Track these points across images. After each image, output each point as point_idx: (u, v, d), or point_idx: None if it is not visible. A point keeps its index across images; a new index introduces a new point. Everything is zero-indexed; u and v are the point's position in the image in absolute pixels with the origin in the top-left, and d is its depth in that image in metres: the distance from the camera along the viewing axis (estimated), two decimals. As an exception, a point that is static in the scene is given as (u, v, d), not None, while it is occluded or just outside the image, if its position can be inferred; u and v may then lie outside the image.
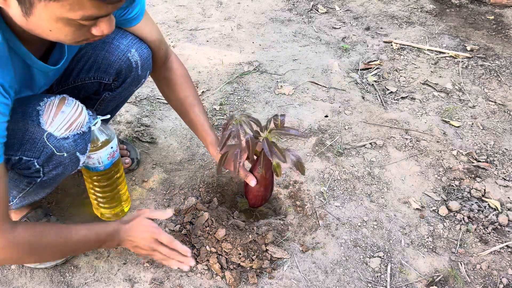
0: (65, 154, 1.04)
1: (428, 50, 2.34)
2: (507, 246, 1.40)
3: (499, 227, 1.46)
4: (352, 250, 1.37)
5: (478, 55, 2.30)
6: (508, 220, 1.47)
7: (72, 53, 1.14)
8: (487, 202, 1.54)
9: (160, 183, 1.56)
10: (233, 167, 1.20)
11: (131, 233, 1.17)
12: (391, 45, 2.39)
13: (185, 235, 1.36)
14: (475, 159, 1.71)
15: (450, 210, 1.50)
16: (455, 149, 1.74)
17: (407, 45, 2.38)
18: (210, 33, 2.45)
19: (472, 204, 1.52)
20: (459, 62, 2.26)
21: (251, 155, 1.22)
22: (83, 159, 1.11)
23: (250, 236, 1.33)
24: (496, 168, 1.67)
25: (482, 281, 1.31)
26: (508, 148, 1.76)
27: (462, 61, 2.26)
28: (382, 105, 1.98)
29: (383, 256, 1.36)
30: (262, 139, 1.19)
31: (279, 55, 2.30)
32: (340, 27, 2.58)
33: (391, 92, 2.06)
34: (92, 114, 1.13)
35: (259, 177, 1.34)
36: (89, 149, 1.14)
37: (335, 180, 1.59)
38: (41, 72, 1.02)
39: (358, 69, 2.21)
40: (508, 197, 1.56)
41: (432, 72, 2.19)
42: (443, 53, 2.32)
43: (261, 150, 1.24)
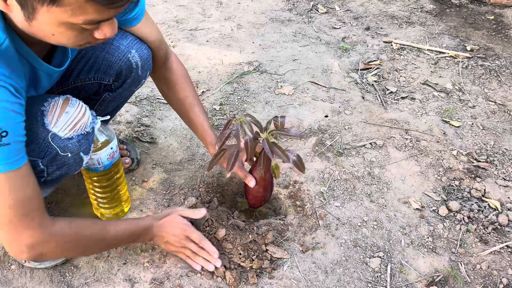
0: (69, 155, 1.05)
1: (428, 50, 2.34)
2: (507, 246, 1.40)
3: (499, 227, 1.46)
4: (352, 250, 1.37)
5: (478, 55, 2.30)
6: (508, 220, 1.47)
7: (74, 54, 1.15)
8: (487, 202, 1.54)
9: (160, 183, 1.56)
10: (226, 164, 1.19)
11: (163, 229, 1.23)
12: (391, 45, 2.39)
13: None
14: (475, 159, 1.71)
15: (450, 210, 1.50)
16: (455, 149, 1.74)
17: (407, 45, 2.38)
18: (210, 33, 2.46)
19: (472, 204, 1.52)
20: (459, 62, 2.26)
21: (249, 156, 1.23)
22: (86, 159, 1.11)
23: (250, 236, 1.33)
24: (496, 168, 1.67)
25: (482, 281, 1.31)
26: (508, 148, 1.76)
27: (462, 61, 2.26)
28: (382, 105, 1.98)
29: (383, 256, 1.36)
30: (263, 140, 1.19)
31: (279, 55, 2.30)
32: (340, 27, 2.58)
33: (391, 92, 2.06)
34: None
35: (259, 178, 1.34)
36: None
37: (335, 180, 1.59)
38: (46, 74, 1.03)
39: (358, 69, 2.21)
40: (508, 197, 1.56)
41: (432, 72, 2.19)
42: (443, 53, 2.32)
43: (261, 151, 1.24)
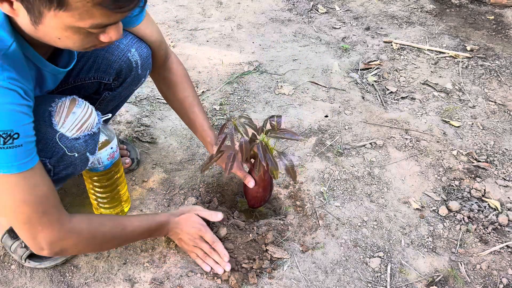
0: (76, 155, 1.05)
1: (428, 50, 2.34)
2: (507, 246, 1.40)
3: (499, 227, 1.46)
4: (352, 250, 1.37)
5: (478, 55, 2.29)
6: (508, 220, 1.47)
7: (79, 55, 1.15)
8: (487, 202, 1.54)
9: (160, 183, 1.56)
10: (224, 168, 1.22)
11: (179, 226, 1.24)
12: (391, 45, 2.39)
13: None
14: (475, 159, 1.71)
15: (450, 210, 1.50)
16: (455, 149, 1.74)
17: (407, 45, 2.38)
18: (210, 33, 2.45)
19: (472, 204, 1.52)
20: (459, 62, 2.25)
21: (244, 159, 1.23)
22: (92, 159, 1.12)
23: (251, 235, 1.33)
24: (496, 168, 1.67)
25: (482, 281, 1.31)
26: (508, 148, 1.76)
27: (462, 61, 2.26)
28: (382, 105, 1.98)
29: (383, 256, 1.36)
30: (258, 143, 1.19)
31: (279, 55, 2.30)
32: (340, 27, 2.58)
33: (391, 92, 2.06)
34: None
35: (258, 178, 1.34)
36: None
37: (335, 180, 1.59)
38: (52, 75, 1.03)
39: (358, 69, 2.21)
40: (508, 197, 1.56)
41: (432, 72, 2.19)
42: (443, 53, 2.32)
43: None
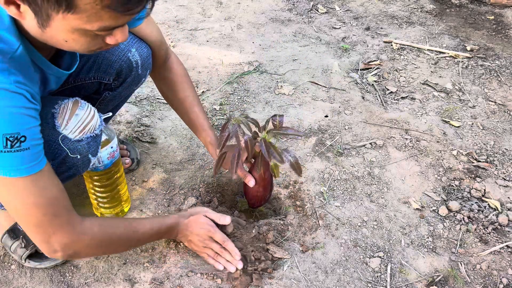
0: (78, 156, 1.05)
1: (428, 50, 2.34)
2: (507, 246, 1.40)
3: (499, 227, 1.46)
4: (352, 250, 1.37)
5: (478, 55, 2.30)
6: (508, 220, 1.47)
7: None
8: (487, 202, 1.54)
9: (160, 183, 1.56)
10: (230, 168, 1.21)
11: (188, 228, 1.24)
12: (391, 45, 2.39)
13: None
14: (475, 159, 1.71)
15: (450, 210, 1.50)
16: (455, 149, 1.74)
17: (407, 45, 2.38)
18: (210, 33, 2.45)
19: (472, 204, 1.52)
20: (459, 62, 2.26)
21: (250, 156, 1.23)
22: (93, 161, 1.12)
23: (254, 231, 1.33)
24: (496, 168, 1.67)
25: (482, 281, 1.31)
26: (508, 148, 1.76)
27: (462, 61, 2.26)
28: (382, 105, 1.98)
29: (383, 256, 1.36)
30: (260, 140, 1.19)
31: (279, 55, 2.30)
32: (340, 27, 2.58)
33: (391, 92, 2.06)
34: None
35: (258, 178, 1.33)
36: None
37: (335, 180, 1.59)
38: (55, 77, 1.03)
39: (358, 69, 2.21)
40: (508, 197, 1.56)
41: (432, 72, 2.19)
42: (443, 53, 2.32)
43: (260, 151, 1.24)
